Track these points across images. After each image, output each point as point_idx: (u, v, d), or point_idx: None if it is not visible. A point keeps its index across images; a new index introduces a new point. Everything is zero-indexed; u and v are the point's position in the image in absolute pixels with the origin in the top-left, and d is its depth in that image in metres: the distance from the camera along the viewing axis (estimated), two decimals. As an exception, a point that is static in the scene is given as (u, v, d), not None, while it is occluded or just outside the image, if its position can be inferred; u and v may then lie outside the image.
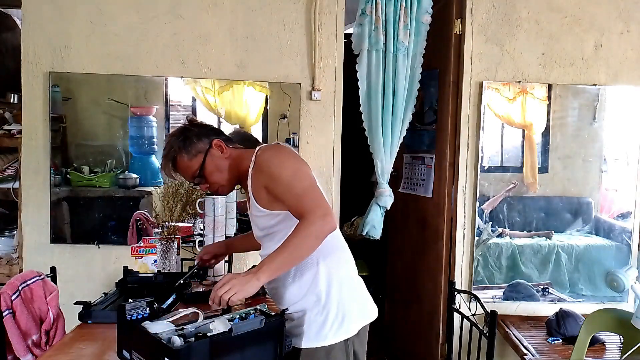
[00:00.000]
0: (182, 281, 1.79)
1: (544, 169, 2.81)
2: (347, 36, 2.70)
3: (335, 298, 1.52)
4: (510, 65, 2.73)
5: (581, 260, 2.81)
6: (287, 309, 1.47)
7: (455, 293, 2.25)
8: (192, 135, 1.52)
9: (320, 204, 1.38)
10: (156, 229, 2.51)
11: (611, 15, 2.74)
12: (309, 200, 1.38)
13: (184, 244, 2.44)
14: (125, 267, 2.07)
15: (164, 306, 1.65)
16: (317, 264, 1.51)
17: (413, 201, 3.15)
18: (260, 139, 2.75)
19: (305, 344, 1.47)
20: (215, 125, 2.79)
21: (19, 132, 2.62)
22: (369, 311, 1.63)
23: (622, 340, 2.02)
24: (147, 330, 1.28)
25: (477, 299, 2.03)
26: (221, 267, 2.22)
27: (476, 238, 2.77)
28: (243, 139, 2.48)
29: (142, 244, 2.36)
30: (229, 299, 1.31)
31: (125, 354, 1.34)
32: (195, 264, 1.90)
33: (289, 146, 1.61)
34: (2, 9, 3.20)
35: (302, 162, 1.52)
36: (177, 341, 1.24)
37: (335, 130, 2.72)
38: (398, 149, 2.73)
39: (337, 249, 1.59)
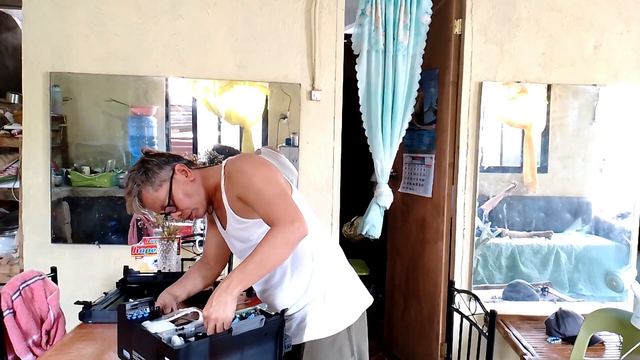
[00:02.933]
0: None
1: (543, 169, 2.81)
2: (347, 36, 2.70)
3: (335, 288, 1.54)
4: (510, 65, 2.73)
5: (581, 260, 2.81)
6: (287, 309, 1.47)
7: (455, 293, 2.25)
8: (152, 166, 1.46)
9: (289, 211, 1.35)
10: (156, 229, 2.51)
11: (611, 15, 2.74)
12: (278, 207, 1.36)
13: (184, 244, 2.45)
14: (126, 267, 2.07)
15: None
16: (313, 260, 1.52)
17: (413, 201, 3.15)
18: (260, 139, 2.76)
19: (309, 336, 1.48)
20: (216, 126, 2.83)
21: (19, 132, 2.63)
22: (365, 296, 1.65)
23: (622, 340, 2.02)
24: (147, 330, 1.29)
25: (476, 299, 2.03)
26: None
27: (476, 238, 2.77)
28: (224, 152, 2.51)
29: (142, 244, 2.37)
30: (222, 327, 1.30)
31: (126, 353, 1.35)
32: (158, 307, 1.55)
33: (269, 151, 1.60)
34: (2, 9, 3.21)
35: (274, 169, 1.49)
36: (177, 341, 1.24)
37: (335, 130, 2.72)
38: (397, 149, 2.73)
39: (327, 241, 1.62)
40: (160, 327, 1.31)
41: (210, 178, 1.52)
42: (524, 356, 2.22)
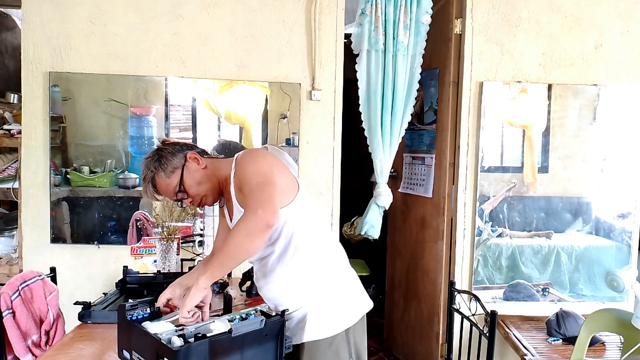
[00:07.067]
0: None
1: (544, 169, 2.81)
2: (347, 36, 2.70)
3: (334, 289, 1.54)
4: (510, 65, 2.73)
5: (581, 260, 2.81)
6: (287, 309, 1.47)
7: (455, 293, 2.25)
8: (166, 153, 1.54)
9: (258, 200, 1.35)
10: (156, 229, 2.51)
11: (611, 15, 2.74)
12: (253, 196, 1.37)
13: (183, 244, 2.44)
14: (125, 267, 2.07)
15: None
16: (314, 259, 1.52)
17: (413, 201, 3.15)
18: (260, 139, 2.76)
19: (308, 337, 1.48)
20: (216, 126, 2.83)
21: (19, 132, 2.62)
22: (365, 300, 1.65)
23: (623, 341, 2.02)
24: (147, 330, 1.28)
25: (477, 299, 2.02)
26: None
27: (476, 238, 2.77)
28: (228, 147, 2.50)
29: (141, 244, 2.36)
30: (187, 315, 1.37)
31: (126, 354, 1.34)
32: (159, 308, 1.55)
33: (275, 148, 1.60)
34: (2, 9, 3.20)
35: (274, 164, 1.48)
36: (177, 342, 1.24)
37: (335, 130, 2.72)
38: (397, 148, 2.73)
39: (329, 242, 1.61)
40: (160, 328, 1.31)
41: (222, 169, 1.55)
42: (525, 357, 2.22)
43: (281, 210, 1.44)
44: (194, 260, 2.42)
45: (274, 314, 1.41)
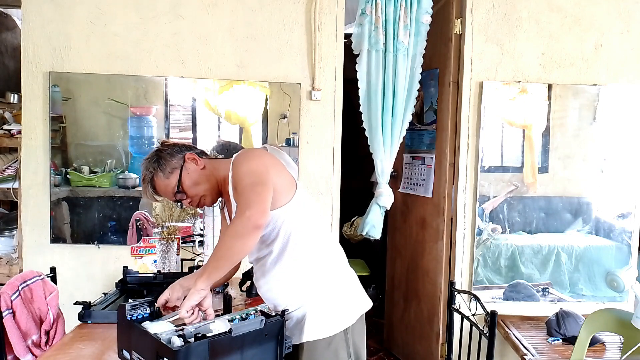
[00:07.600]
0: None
1: (544, 169, 2.81)
2: (347, 36, 2.70)
3: (333, 289, 1.54)
4: (510, 65, 2.73)
5: (581, 260, 2.81)
6: (287, 309, 1.47)
7: (455, 293, 2.25)
8: (165, 154, 1.55)
9: (250, 201, 1.35)
10: (156, 229, 2.51)
11: (611, 15, 2.74)
12: (244, 197, 1.38)
13: (183, 244, 2.44)
14: (125, 267, 2.07)
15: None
16: (313, 259, 1.52)
17: (413, 201, 3.15)
18: (260, 139, 2.76)
19: (307, 337, 1.48)
20: (216, 126, 2.83)
21: (19, 132, 2.62)
22: (364, 300, 1.65)
23: (623, 341, 2.02)
24: (147, 330, 1.28)
25: (477, 299, 2.02)
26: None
27: (476, 238, 2.77)
28: (228, 147, 2.51)
29: (141, 244, 2.36)
30: (186, 315, 1.38)
31: (126, 354, 1.34)
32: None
33: (274, 148, 1.60)
34: (2, 9, 3.21)
35: (268, 163, 1.47)
36: (177, 342, 1.24)
37: (335, 130, 2.72)
38: (398, 148, 2.73)
39: (328, 242, 1.62)
40: (160, 328, 1.31)
41: (220, 170, 1.56)
42: (525, 357, 2.22)
43: (279, 210, 1.45)
44: (194, 260, 2.42)
45: (273, 314, 1.41)
